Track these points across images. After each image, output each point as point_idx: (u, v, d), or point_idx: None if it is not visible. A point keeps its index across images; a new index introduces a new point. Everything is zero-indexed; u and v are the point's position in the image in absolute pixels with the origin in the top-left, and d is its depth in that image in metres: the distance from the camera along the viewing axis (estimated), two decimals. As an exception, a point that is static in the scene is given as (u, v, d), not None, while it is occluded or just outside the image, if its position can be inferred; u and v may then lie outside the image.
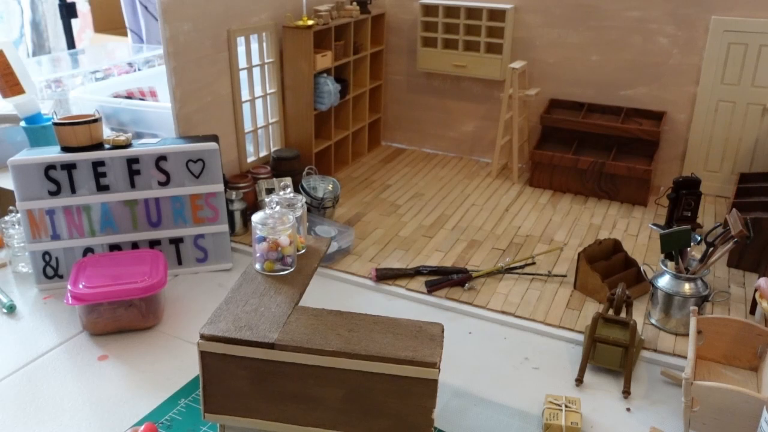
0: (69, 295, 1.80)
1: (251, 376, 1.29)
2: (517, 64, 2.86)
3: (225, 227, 2.18)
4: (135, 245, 2.12)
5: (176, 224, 2.14)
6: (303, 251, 1.61)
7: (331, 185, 2.59)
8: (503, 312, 1.97)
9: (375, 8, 3.14)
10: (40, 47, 4.36)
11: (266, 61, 2.69)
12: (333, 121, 2.98)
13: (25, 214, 2.00)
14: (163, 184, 2.08)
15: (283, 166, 2.62)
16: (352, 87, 3.06)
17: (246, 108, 2.63)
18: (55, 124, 1.99)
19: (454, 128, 3.30)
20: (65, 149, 2.00)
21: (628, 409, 1.59)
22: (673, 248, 1.87)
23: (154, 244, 2.13)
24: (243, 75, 2.58)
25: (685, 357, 1.71)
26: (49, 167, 1.97)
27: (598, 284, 2.00)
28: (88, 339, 1.83)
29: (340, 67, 2.98)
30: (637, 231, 2.51)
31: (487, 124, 3.20)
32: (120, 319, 1.84)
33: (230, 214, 2.35)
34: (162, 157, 2.05)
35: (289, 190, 1.64)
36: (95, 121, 2.02)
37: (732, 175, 2.78)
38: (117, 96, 2.85)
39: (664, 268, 1.89)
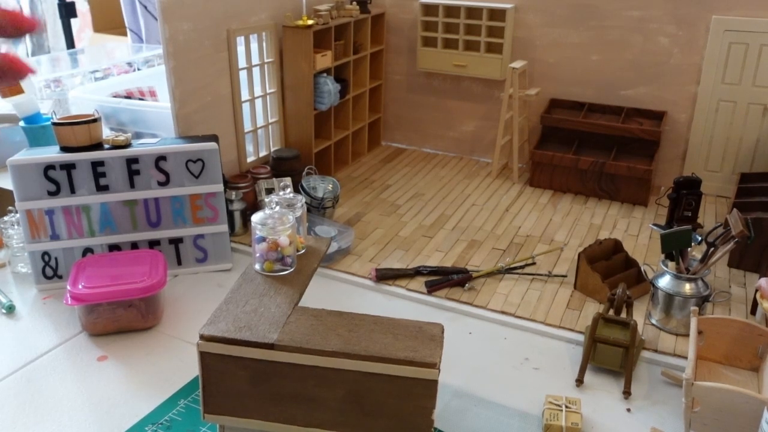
0: (68, 295, 1.79)
1: (251, 376, 1.29)
2: (518, 64, 2.86)
3: (225, 227, 2.17)
4: (134, 245, 2.11)
5: (176, 224, 2.13)
6: (303, 251, 1.60)
7: (331, 185, 2.59)
8: (503, 312, 1.97)
9: (375, 8, 3.14)
10: (39, 47, 4.36)
11: (266, 60, 2.68)
12: (333, 121, 2.98)
13: (24, 214, 2.00)
14: (163, 184, 2.08)
15: (282, 166, 2.61)
16: (352, 87, 3.05)
17: (246, 108, 2.62)
18: (55, 124, 1.98)
19: (454, 128, 3.30)
20: (64, 149, 2.00)
21: (629, 410, 1.59)
22: (673, 248, 1.86)
23: (153, 244, 2.13)
24: (243, 75, 2.57)
25: (685, 357, 1.71)
26: (49, 167, 1.97)
27: (598, 284, 2.00)
28: (87, 339, 1.83)
29: (340, 67, 2.98)
30: (637, 231, 2.51)
31: (488, 124, 3.20)
32: (119, 320, 1.83)
33: (230, 214, 2.35)
34: (161, 157, 2.05)
35: (288, 190, 1.63)
36: (94, 121, 2.01)
37: (733, 175, 2.78)
38: (116, 96, 2.84)
39: (665, 269, 1.88)
